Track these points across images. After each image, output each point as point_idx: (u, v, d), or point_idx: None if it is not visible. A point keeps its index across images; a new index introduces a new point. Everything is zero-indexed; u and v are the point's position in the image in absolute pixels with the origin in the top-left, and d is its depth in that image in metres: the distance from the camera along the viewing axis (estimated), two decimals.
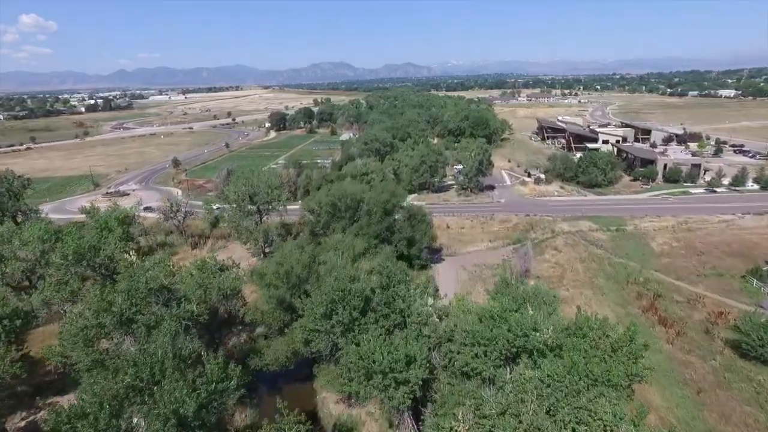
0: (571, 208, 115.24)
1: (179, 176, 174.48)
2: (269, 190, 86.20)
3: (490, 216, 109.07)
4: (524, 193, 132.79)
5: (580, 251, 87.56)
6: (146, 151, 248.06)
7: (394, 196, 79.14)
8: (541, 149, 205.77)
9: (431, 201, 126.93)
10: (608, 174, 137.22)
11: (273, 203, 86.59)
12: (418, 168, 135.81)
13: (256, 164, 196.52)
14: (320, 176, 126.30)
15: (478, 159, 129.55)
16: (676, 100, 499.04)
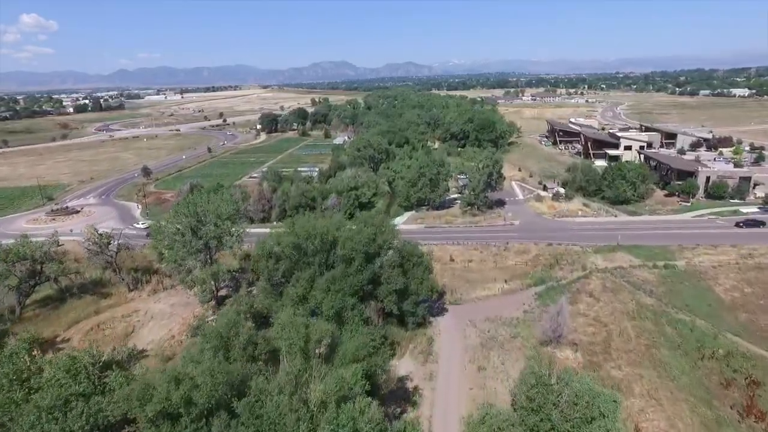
0: (601, 232, 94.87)
1: (147, 187, 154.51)
2: (218, 221, 66.08)
3: (504, 245, 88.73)
4: (541, 211, 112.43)
5: (624, 300, 67.21)
6: (122, 157, 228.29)
7: (381, 233, 58.96)
8: (553, 155, 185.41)
9: (431, 222, 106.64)
10: (639, 188, 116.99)
11: (224, 238, 66.49)
12: (415, 181, 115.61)
13: (237, 172, 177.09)
14: (299, 193, 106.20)
15: (486, 171, 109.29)
16: (687, 99, 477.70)
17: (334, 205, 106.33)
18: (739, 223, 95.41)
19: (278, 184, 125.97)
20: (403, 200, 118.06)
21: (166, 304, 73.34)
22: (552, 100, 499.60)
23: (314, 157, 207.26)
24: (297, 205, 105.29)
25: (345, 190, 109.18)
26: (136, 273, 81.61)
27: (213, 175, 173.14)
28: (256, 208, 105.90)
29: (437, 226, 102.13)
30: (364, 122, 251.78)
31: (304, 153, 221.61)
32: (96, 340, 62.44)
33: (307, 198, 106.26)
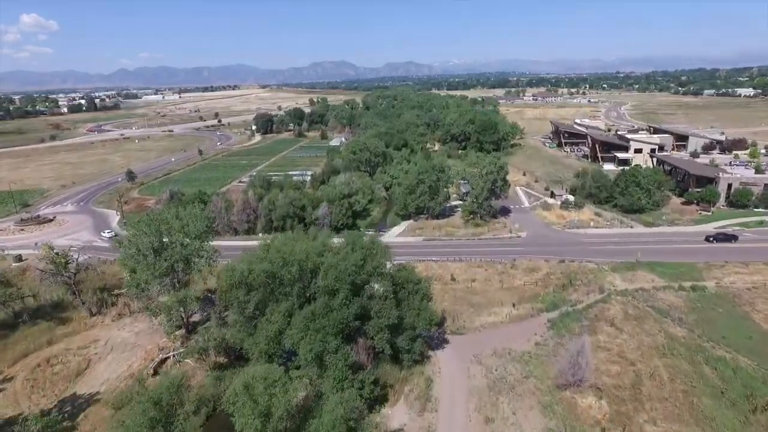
0: (616, 246, 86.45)
1: (131, 193, 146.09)
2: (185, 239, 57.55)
3: (511, 262, 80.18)
4: (550, 221, 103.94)
5: (651, 330, 58.74)
6: (109, 159, 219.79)
7: (371, 257, 50.46)
8: (558, 158, 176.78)
9: (430, 233, 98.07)
10: (654, 196, 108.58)
11: (193, 260, 57.94)
12: (414, 188, 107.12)
13: (226, 176, 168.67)
14: (287, 202, 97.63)
15: (490, 178, 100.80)
16: (692, 99, 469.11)
17: (325, 215, 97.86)
18: (710, 237, 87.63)
19: (266, 190, 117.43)
20: (400, 209, 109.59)
21: (130, 332, 64.87)
22: (554, 100, 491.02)
23: (309, 159, 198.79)
24: (285, 215, 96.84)
25: (337, 199, 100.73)
26: (101, 293, 73.03)
27: (201, 179, 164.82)
28: (241, 218, 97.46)
29: (437, 239, 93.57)
30: (361, 123, 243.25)
31: (298, 155, 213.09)
32: (41, 380, 54.01)
33: (296, 207, 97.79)
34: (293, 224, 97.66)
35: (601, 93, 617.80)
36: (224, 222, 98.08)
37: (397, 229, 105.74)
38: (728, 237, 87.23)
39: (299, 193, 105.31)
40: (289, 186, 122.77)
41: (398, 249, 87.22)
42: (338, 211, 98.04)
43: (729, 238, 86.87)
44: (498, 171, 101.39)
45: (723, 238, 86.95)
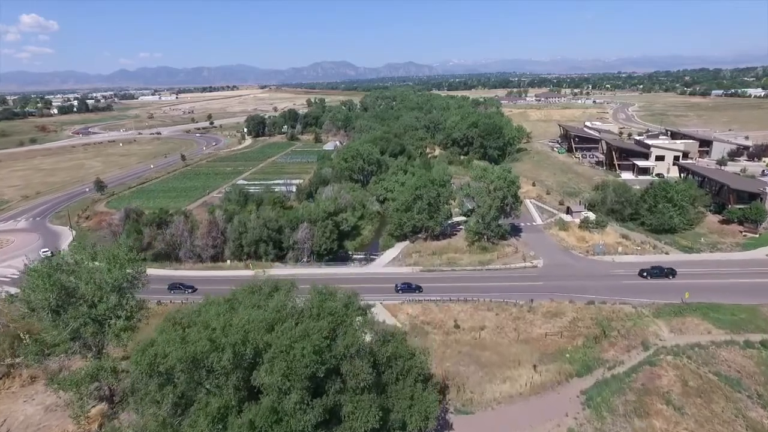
0: (653, 280, 71.58)
1: (97, 206, 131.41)
2: (98, 293, 42.76)
3: (527, 303, 65.33)
4: (568, 244, 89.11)
5: (724, 415, 43.91)
6: (87, 165, 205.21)
7: (345, 329, 35.70)
8: (569, 165, 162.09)
9: (428, 261, 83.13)
10: (688, 213, 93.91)
11: (107, 322, 43.09)
12: (410, 205, 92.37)
13: (206, 185, 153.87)
14: (261, 223, 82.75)
15: (499, 195, 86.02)
16: (700, 100, 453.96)
17: (306, 238, 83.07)
18: (643, 272, 73.53)
19: (242, 206, 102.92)
20: (394, 228, 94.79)
21: (39, 406, 50.19)
22: (558, 101, 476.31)
23: (298, 166, 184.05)
24: (257, 239, 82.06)
25: (320, 218, 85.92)
26: (13, 347, 58.19)
27: (178, 188, 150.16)
28: (206, 243, 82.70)
29: (436, 269, 78.57)
30: (356, 126, 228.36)
31: (288, 161, 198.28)
32: None
33: (271, 230, 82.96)
34: (267, 250, 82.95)
35: (605, 93, 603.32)
36: (187, 247, 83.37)
37: (391, 252, 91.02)
38: (663, 271, 73.07)
39: (276, 212, 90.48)
40: (270, 200, 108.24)
41: (388, 284, 72.84)
42: (321, 234, 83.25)
43: (664, 272, 72.80)
44: (508, 186, 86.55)
45: (657, 272, 72.93)
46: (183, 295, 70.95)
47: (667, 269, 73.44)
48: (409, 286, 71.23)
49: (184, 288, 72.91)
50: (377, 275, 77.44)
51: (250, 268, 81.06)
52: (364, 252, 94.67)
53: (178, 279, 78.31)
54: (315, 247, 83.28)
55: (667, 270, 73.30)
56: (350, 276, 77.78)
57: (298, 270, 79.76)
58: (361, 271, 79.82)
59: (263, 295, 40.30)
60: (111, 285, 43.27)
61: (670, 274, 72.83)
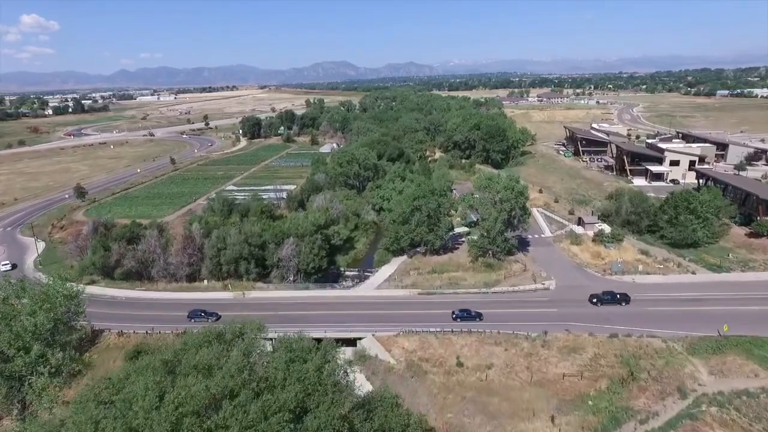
0: (684, 306, 63.35)
1: (74, 214, 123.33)
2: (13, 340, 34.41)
3: (541, 336, 56.99)
4: (582, 261, 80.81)
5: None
6: (73, 168, 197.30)
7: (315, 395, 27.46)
8: (577, 170, 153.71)
9: (427, 283, 74.71)
10: (712, 226, 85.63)
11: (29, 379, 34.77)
12: (408, 217, 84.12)
13: (194, 191, 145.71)
14: (242, 239, 74.53)
15: (506, 207, 77.77)
16: (706, 100, 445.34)
17: (291, 255, 74.84)
18: (593, 298, 65.59)
19: (225, 216, 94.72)
20: (390, 242, 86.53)
21: None
22: (560, 101, 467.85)
23: (293, 169, 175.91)
24: (238, 256, 73.81)
25: (308, 232, 77.67)
26: None
27: (164, 195, 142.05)
28: (181, 260, 74.47)
29: (436, 293, 70.16)
30: (353, 128, 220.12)
31: (282, 164, 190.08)
32: None
33: (253, 246, 74.73)
34: (249, 268, 74.72)
35: (607, 94, 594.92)
36: (160, 265, 75.17)
37: (387, 269, 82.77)
38: (615, 297, 65.23)
39: (261, 223, 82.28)
40: (257, 210, 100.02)
41: (381, 311, 64.62)
42: (308, 250, 74.99)
43: (616, 299, 65.02)
44: (516, 197, 78.25)
45: (609, 298, 65.12)
46: (206, 323, 62.41)
47: (620, 295, 65.17)
48: (468, 314, 62.15)
49: (207, 315, 63.53)
50: (369, 300, 69.14)
51: (229, 289, 72.92)
52: (358, 268, 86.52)
53: (147, 301, 70.19)
54: (302, 265, 75.06)
55: (620, 296, 65.03)
56: (338, 300, 69.59)
57: (282, 292, 71.58)
58: (350, 294, 71.53)
59: (217, 349, 31.93)
60: (33, 333, 34.91)
61: (623, 300, 64.60)
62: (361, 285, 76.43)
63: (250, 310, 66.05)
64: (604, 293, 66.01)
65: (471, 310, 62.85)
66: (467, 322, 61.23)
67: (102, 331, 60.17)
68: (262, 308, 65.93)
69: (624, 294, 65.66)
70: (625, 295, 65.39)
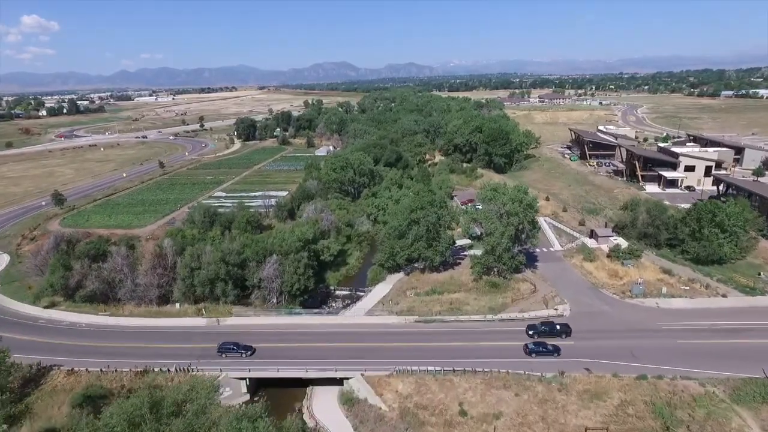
0: (718, 338, 55.36)
1: (50, 223, 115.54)
2: None
3: (557, 377, 48.98)
4: (597, 280, 72.90)
5: None
6: (57, 172, 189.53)
7: None
8: (585, 175, 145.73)
9: (425, 304, 66.77)
10: (740, 240, 77.70)
11: None
12: (404, 231, 76.27)
13: (180, 198, 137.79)
14: (218, 258, 66.62)
15: (513, 222, 69.87)
16: (711, 101, 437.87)
17: (274, 276, 66.90)
18: (529, 330, 57.88)
19: (206, 229, 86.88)
20: (385, 258, 78.61)
21: None
22: (562, 102, 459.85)
23: (286, 174, 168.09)
24: (213, 277, 65.85)
25: (293, 249, 69.71)
26: None
27: (148, 201, 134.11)
28: (150, 281, 66.50)
29: (435, 320, 62.07)
30: (350, 130, 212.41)
31: (275, 168, 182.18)
32: None
33: (231, 265, 66.81)
34: (226, 290, 66.79)
35: (609, 94, 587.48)
36: (128, 286, 67.25)
37: (381, 288, 75.00)
38: (555, 329, 57.36)
39: (243, 237, 74.40)
40: (242, 221, 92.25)
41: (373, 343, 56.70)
42: (293, 270, 67.02)
43: (554, 330, 57.25)
44: (525, 210, 70.32)
45: (548, 330, 57.26)
46: (240, 358, 54.78)
47: (560, 326, 57.32)
48: (544, 347, 53.81)
49: (240, 349, 55.54)
50: (359, 329, 60.96)
51: (203, 314, 65.00)
52: (349, 287, 78.64)
53: (109, 329, 62.24)
54: (285, 287, 67.11)
55: (560, 327, 57.20)
56: (324, 329, 61.49)
57: (261, 319, 63.62)
58: (338, 322, 63.33)
59: None
60: None
61: (563, 332, 56.75)
62: (351, 308, 68.50)
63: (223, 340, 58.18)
64: (543, 323, 58.15)
65: (547, 343, 53.98)
66: (544, 357, 52.66)
67: (50, 369, 52.23)
68: (237, 339, 57.99)
69: (565, 325, 57.62)
70: (566, 327, 57.37)
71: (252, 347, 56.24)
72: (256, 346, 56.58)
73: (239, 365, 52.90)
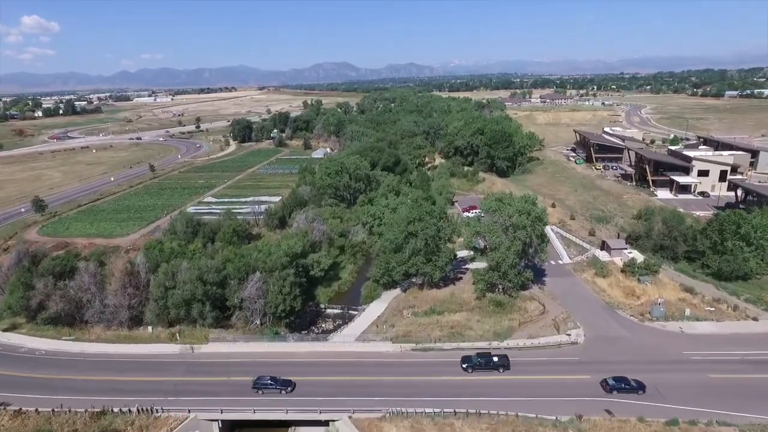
0: (752, 373, 48.97)
1: (28, 231, 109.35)
2: None
3: (574, 422, 42.59)
4: (612, 298, 66.51)
5: None
6: (45, 176, 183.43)
7: None
8: (591, 179, 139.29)
9: (422, 326, 60.49)
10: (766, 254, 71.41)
11: None
12: (401, 245, 69.95)
13: (167, 204, 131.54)
14: (195, 276, 60.27)
15: (521, 237, 63.55)
16: (715, 101, 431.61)
17: (257, 296, 60.60)
18: (464, 363, 51.60)
19: (189, 240, 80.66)
20: (380, 275, 72.26)
21: None
22: (564, 103, 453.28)
23: (280, 178, 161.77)
24: (189, 298, 59.53)
25: (279, 266, 63.32)
26: None
27: (134, 208, 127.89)
28: (120, 302, 60.19)
29: (434, 348, 55.50)
30: (347, 132, 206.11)
31: (270, 172, 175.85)
32: None
33: (210, 284, 60.47)
34: (203, 312, 60.45)
35: (611, 94, 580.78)
36: (96, 307, 60.96)
37: (375, 307, 68.77)
38: (491, 362, 51.56)
39: (222, 254, 68.10)
40: (227, 232, 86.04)
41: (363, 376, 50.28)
42: (277, 290, 60.65)
43: (492, 364, 51.43)
44: (533, 224, 63.96)
45: (483, 363, 51.62)
46: (278, 395, 48.19)
47: (497, 358, 51.18)
48: (627, 384, 46.74)
49: (278, 385, 48.80)
50: (348, 359, 54.35)
51: (177, 340, 58.69)
52: (341, 305, 72.38)
53: (71, 357, 55.90)
54: (269, 308, 60.78)
55: (497, 359, 51.06)
56: (310, 357, 55.06)
57: (241, 346, 57.14)
58: (326, 350, 56.67)
59: None
60: None
61: (500, 365, 50.62)
62: (342, 331, 62.18)
63: (196, 372, 51.90)
64: (479, 355, 51.96)
65: (629, 378, 47.20)
66: (626, 394, 46.06)
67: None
68: (211, 371, 51.75)
69: (503, 357, 51.53)
70: (504, 359, 51.31)
71: (291, 382, 49.37)
72: (233, 380, 50.26)
73: (211, 405, 46.40)
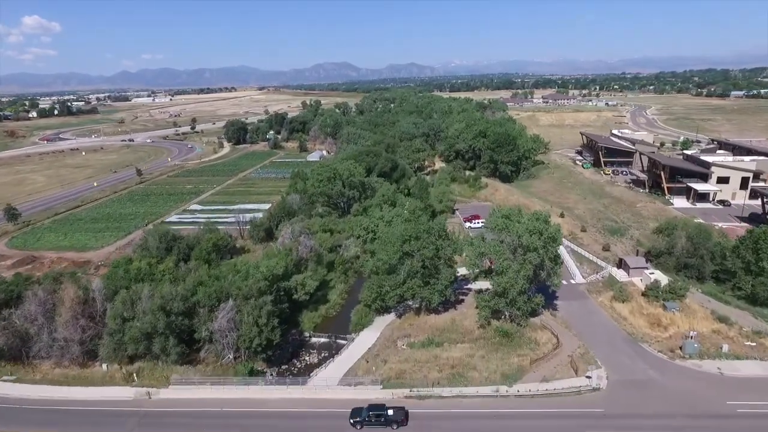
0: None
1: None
2: None
3: None
4: (635, 329, 58.35)
5: None
6: (28, 180, 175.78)
7: None
8: (601, 185, 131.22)
9: (418, 365, 52.37)
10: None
11: None
12: (395, 265, 61.96)
13: (155, 210, 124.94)
14: (157, 305, 52.24)
15: (532, 260, 55.47)
16: (721, 102, 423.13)
17: (228, 328, 52.59)
18: (354, 416, 43.88)
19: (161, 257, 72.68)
20: (372, 299, 64.22)
21: None
22: (567, 103, 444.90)
23: (273, 183, 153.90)
24: (151, 330, 51.50)
25: (254, 293, 55.22)
26: None
27: (112, 217, 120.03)
28: (71, 335, 52.22)
29: (431, 396, 47.35)
30: (343, 134, 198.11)
31: (262, 176, 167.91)
32: None
33: (175, 314, 52.48)
34: (167, 347, 52.40)
35: (614, 95, 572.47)
36: (45, 342, 53.02)
37: (367, 337, 60.82)
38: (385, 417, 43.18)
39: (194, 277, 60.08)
40: (208, 245, 78.19)
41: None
42: (252, 321, 52.59)
43: (387, 419, 43.00)
44: (546, 245, 55.87)
45: (374, 419, 43.13)
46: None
47: (393, 411, 43.34)
48: None
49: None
50: (328, 407, 46.30)
51: (134, 381, 50.68)
52: (328, 333, 64.21)
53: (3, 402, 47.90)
54: (242, 342, 52.79)
55: (393, 413, 43.19)
56: (283, 408, 46.90)
57: (206, 391, 48.99)
58: (302, 397, 48.23)
59: None
60: None
61: (394, 421, 42.67)
62: (326, 367, 54.18)
63: (149, 426, 43.94)
64: (371, 407, 43.89)
65: None
66: None
67: None
68: (167, 423, 43.77)
69: (399, 410, 43.70)
70: (401, 411, 43.63)
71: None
72: None
73: None
